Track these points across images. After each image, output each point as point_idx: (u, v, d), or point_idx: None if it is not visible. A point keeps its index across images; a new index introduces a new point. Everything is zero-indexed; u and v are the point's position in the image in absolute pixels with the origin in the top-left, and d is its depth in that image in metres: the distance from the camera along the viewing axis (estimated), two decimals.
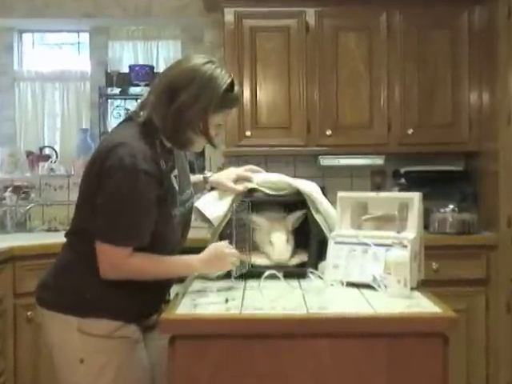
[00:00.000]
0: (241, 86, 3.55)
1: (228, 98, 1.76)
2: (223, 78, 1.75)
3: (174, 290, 1.91)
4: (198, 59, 1.78)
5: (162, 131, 1.76)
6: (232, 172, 2.14)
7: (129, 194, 1.67)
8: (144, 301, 1.81)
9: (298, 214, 2.08)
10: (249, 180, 2.12)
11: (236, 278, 1.92)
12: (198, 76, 1.73)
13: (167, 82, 1.76)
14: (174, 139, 1.77)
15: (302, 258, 2.07)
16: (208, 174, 2.14)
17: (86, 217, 1.74)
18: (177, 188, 1.83)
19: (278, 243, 2.03)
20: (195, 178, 2.09)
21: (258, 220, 2.07)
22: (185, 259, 1.80)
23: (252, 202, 2.05)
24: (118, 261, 1.71)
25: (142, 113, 1.79)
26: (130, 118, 1.84)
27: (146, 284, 1.77)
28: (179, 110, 1.72)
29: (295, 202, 2.09)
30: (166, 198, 1.77)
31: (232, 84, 1.77)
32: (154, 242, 1.75)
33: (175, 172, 1.84)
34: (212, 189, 2.13)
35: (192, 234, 1.99)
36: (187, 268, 1.81)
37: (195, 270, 1.84)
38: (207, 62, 1.76)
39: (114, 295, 1.75)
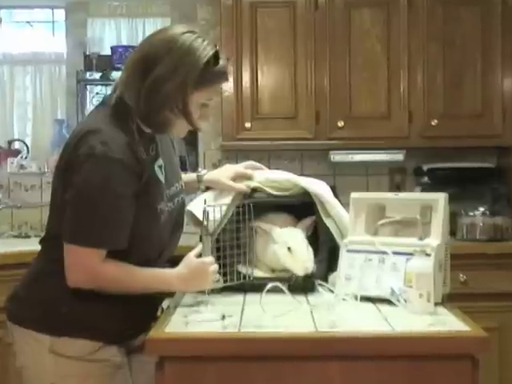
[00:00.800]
0: (239, 69, 3.56)
1: (211, 72, 1.76)
2: (205, 49, 1.75)
3: (164, 304, 1.92)
4: (178, 29, 1.78)
5: (135, 111, 1.76)
6: (229, 169, 2.14)
7: (100, 186, 1.67)
8: (130, 318, 1.80)
9: (308, 222, 2.08)
10: (249, 178, 2.12)
11: (210, 293, 1.91)
12: (175, 47, 1.73)
13: (140, 55, 1.76)
14: (149, 120, 1.77)
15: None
16: (202, 171, 2.14)
17: (60, 219, 1.74)
18: (162, 180, 1.83)
19: (300, 250, 1.98)
20: (187, 176, 2.09)
21: (265, 226, 2.04)
22: (162, 273, 1.80)
23: (254, 203, 2.05)
24: (88, 266, 1.70)
25: (114, 95, 1.80)
26: (103, 103, 1.85)
27: (133, 297, 1.77)
28: (153, 85, 1.72)
29: (302, 204, 2.09)
30: (148, 190, 1.76)
31: (216, 56, 1.77)
32: (139, 242, 1.75)
33: (159, 162, 1.84)
34: (207, 189, 2.13)
35: (183, 240, 1.99)
36: (163, 284, 1.80)
37: (172, 287, 1.83)
38: (187, 32, 1.76)
39: (94, 310, 1.75)
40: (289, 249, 1.99)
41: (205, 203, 1.97)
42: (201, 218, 2.01)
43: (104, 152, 1.67)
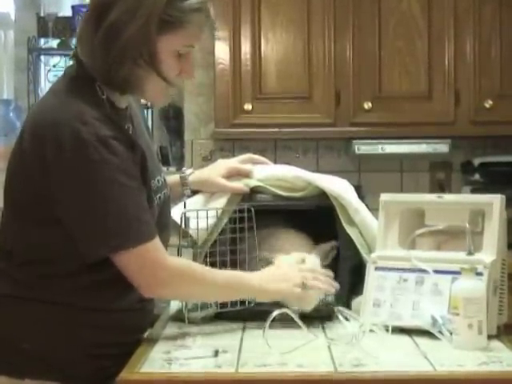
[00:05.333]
0: (237, 36, 3.56)
1: (179, 7, 1.76)
2: None
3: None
4: None
5: (93, 71, 1.78)
6: (221, 165, 2.15)
7: (111, 172, 1.70)
8: (107, 353, 1.82)
9: (326, 247, 2.07)
10: (246, 175, 2.12)
11: (199, 321, 1.93)
12: None
13: (93, 2, 1.80)
14: (110, 77, 1.78)
15: (327, 296, 2.06)
16: (186, 171, 2.15)
17: (27, 229, 1.77)
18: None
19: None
20: (169, 179, 2.10)
21: (269, 256, 2.04)
22: (240, 274, 1.92)
23: (255, 208, 2.05)
24: (157, 262, 1.76)
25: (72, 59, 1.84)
26: (64, 74, 1.87)
27: (109, 326, 1.80)
28: (108, 33, 1.74)
29: (318, 208, 2.10)
30: (146, 167, 1.81)
31: None
32: None
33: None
34: (194, 193, 2.13)
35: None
36: (242, 279, 1.90)
37: (252, 288, 1.91)
38: None
39: (63, 346, 1.77)
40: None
41: (184, 207, 1.97)
42: (187, 229, 2.02)
43: (89, 132, 1.69)
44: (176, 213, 2.06)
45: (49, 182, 1.72)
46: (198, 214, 2.00)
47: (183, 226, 2.00)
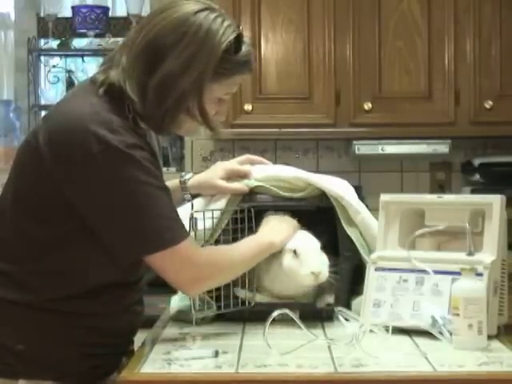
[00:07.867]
0: None
1: (230, 61, 1.79)
2: (225, 32, 1.78)
3: (140, 337, 1.93)
4: (190, 5, 1.80)
5: (140, 110, 1.79)
6: (219, 168, 2.15)
7: (138, 178, 1.72)
8: (101, 353, 1.83)
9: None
10: (246, 177, 2.12)
11: (199, 322, 1.94)
12: (189, 32, 1.76)
13: (146, 42, 1.79)
14: (162, 125, 1.81)
15: (327, 297, 2.07)
16: (186, 175, 2.16)
17: (25, 226, 1.77)
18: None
19: (308, 251, 1.96)
20: (168, 184, 2.10)
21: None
22: (254, 239, 1.96)
23: (255, 208, 2.05)
24: (192, 258, 1.78)
25: (106, 76, 1.82)
26: (92, 81, 1.86)
27: (101, 328, 1.81)
28: (165, 82, 1.75)
29: (318, 209, 2.10)
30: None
31: (238, 41, 1.80)
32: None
33: None
34: (194, 197, 2.13)
35: None
36: (262, 241, 1.95)
37: (271, 243, 1.96)
38: (203, 10, 1.79)
39: (56, 346, 1.78)
40: (294, 252, 1.97)
41: (192, 209, 1.98)
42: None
43: (118, 140, 1.70)
44: None
45: (75, 187, 1.73)
46: (202, 216, 2.00)
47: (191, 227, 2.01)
